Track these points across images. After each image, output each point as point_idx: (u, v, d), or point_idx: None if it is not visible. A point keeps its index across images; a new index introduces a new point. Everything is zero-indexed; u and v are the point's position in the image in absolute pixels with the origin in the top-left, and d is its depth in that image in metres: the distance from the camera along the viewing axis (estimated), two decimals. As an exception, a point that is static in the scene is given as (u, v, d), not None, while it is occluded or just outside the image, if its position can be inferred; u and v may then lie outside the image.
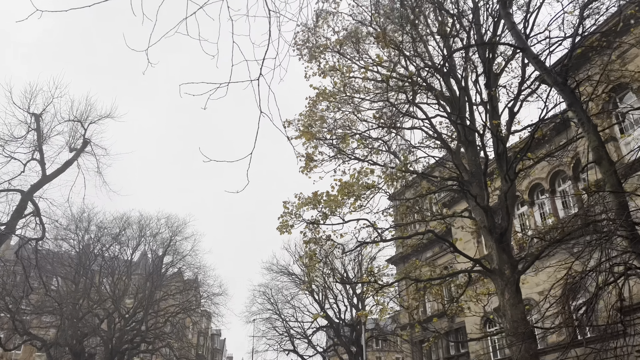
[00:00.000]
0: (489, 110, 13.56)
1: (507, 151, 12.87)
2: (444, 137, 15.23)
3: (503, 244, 13.47)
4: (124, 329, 33.11)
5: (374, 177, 13.27)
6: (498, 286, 13.07)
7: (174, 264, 37.93)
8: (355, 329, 36.83)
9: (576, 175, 27.80)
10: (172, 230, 37.20)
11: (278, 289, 41.55)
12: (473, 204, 14.36)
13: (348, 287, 38.27)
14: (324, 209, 13.11)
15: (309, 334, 40.02)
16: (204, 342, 70.72)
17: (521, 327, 12.36)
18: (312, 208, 13.14)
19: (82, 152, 18.53)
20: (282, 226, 12.84)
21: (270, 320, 40.89)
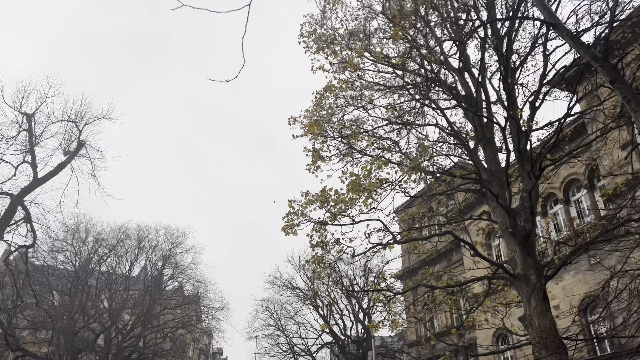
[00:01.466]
0: (509, 103, 12.58)
1: (530, 146, 11.86)
2: (460, 135, 14.24)
3: (527, 247, 12.39)
4: (121, 344, 31.80)
5: (388, 170, 12.25)
6: (523, 293, 11.95)
7: (174, 277, 36.76)
8: (361, 346, 35.42)
9: (592, 184, 26.81)
10: (171, 242, 36.19)
11: (281, 304, 40.30)
12: (493, 205, 13.32)
13: (354, 302, 36.96)
14: (332, 209, 12.09)
15: (313, 351, 38.59)
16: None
17: (550, 338, 11.22)
18: (319, 207, 12.13)
19: (76, 154, 17.63)
20: (287, 226, 11.81)
21: (273, 336, 39.54)
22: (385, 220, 14.93)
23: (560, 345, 11.14)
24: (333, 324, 37.55)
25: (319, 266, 12.82)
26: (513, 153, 14.37)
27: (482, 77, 14.64)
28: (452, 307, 14.56)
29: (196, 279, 36.42)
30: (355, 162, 13.31)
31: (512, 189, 14.32)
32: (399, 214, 14.37)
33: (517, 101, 14.14)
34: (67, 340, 27.56)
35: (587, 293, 24.85)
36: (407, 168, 9.47)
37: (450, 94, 14.80)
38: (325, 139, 13.19)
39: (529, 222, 12.47)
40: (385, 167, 10.54)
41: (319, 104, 13.40)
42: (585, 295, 24.83)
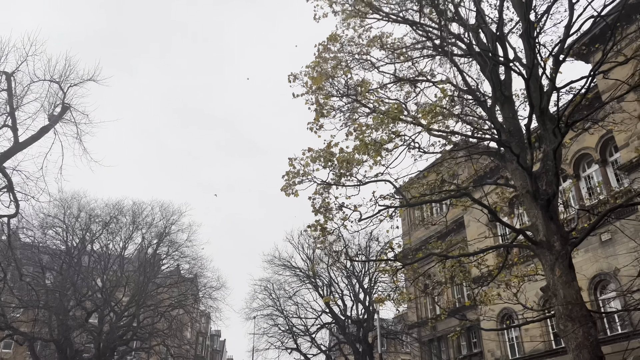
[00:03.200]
0: (531, 54, 11.34)
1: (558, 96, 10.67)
2: (477, 94, 13.04)
3: (550, 212, 11.29)
4: (115, 324, 30.86)
5: (401, 125, 11.05)
6: (546, 261, 10.88)
7: (169, 255, 35.67)
8: (362, 326, 34.60)
9: (604, 159, 25.67)
10: (167, 220, 35.02)
11: (280, 284, 39.38)
12: (512, 167, 12.19)
13: (354, 281, 36.05)
14: (337, 169, 10.94)
15: (312, 332, 37.80)
16: (202, 342, 68.51)
17: (577, 310, 10.18)
18: (322, 166, 10.97)
19: (60, 118, 16.39)
20: (287, 186, 10.67)
21: (271, 317, 38.69)
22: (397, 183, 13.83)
23: (588, 317, 10.10)
24: (333, 304, 36.72)
25: (321, 233, 11.72)
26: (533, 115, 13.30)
27: (500, 29, 13.43)
28: (464, 279, 13.49)
29: (192, 256, 35.41)
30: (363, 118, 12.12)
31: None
32: (409, 184, 13.19)
33: (537, 58, 12.92)
34: (59, 319, 26.60)
35: (598, 271, 23.96)
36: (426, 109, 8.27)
37: (465, 47, 13.58)
38: (329, 92, 11.98)
39: (552, 185, 11.35)
40: (399, 117, 9.32)
41: (322, 57, 12.15)
42: (596, 274, 23.93)
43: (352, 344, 34.79)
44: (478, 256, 13.48)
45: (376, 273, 35.10)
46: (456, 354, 36.02)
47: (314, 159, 10.32)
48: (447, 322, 37.09)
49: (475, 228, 31.77)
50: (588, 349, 9.81)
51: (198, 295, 36.72)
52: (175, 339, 39.56)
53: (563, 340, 10.28)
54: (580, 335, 9.94)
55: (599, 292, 24.41)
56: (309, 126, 11.87)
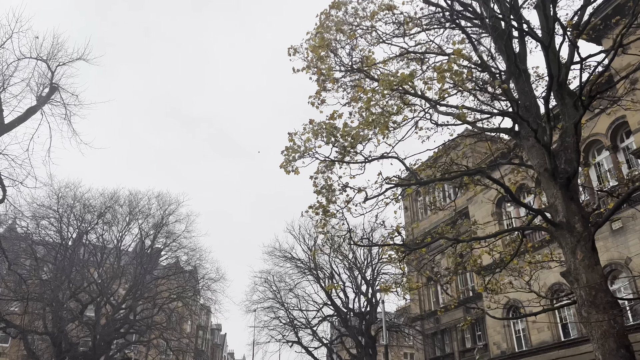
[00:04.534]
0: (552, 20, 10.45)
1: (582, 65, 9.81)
2: (490, 67, 12.17)
3: (570, 192, 10.46)
4: (111, 316, 30.12)
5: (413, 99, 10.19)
6: (567, 244, 10.06)
7: (167, 245, 34.83)
8: (364, 319, 33.87)
9: (615, 145, 24.83)
10: (164, 210, 34.15)
11: (280, 276, 38.59)
12: (529, 144, 11.35)
13: (356, 273, 35.29)
14: (341, 144, 10.11)
15: (313, 325, 37.07)
16: (203, 336, 67.93)
17: (601, 295, 9.38)
18: (325, 142, 10.14)
19: (48, 99, 15.56)
20: (287, 162, 9.84)
21: (272, 309, 37.93)
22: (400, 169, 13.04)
23: (614, 304, 9.30)
24: (335, 297, 35.99)
25: (323, 216, 10.90)
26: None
27: (514, 10, 12.55)
28: (474, 266, 12.68)
29: (190, 247, 34.54)
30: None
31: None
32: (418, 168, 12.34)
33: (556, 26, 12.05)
34: (53, 311, 25.90)
35: (609, 261, 23.17)
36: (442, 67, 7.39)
37: (477, 20, 12.72)
38: (331, 65, 11.12)
39: (573, 162, 10.53)
40: (410, 81, 8.45)
41: (324, 26, 11.28)
42: (607, 263, 23.14)
43: (354, 336, 34.09)
44: (489, 241, 12.67)
45: (379, 264, 34.38)
46: (460, 347, 35.35)
47: (316, 132, 9.48)
48: (450, 314, 36.37)
49: (480, 219, 30.97)
50: (614, 337, 9.02)
51: (197, 287, 35.93)
52: (175, 332, 38.86)
53: (586, 328, 9.49)
54: (605, 323, 9.15)
55: (609, 282, 23.62)
56: (310, 100, 11.04)
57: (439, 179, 10.91)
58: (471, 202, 34.27)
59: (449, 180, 11.44)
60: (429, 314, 37.89)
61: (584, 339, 24.24)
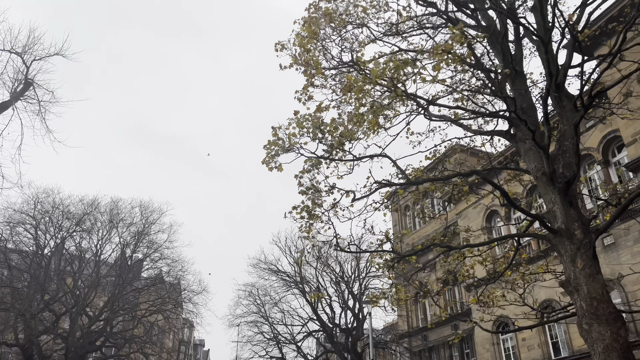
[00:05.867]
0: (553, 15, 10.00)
1: (583, 61, 9.33)
2: (486, 67, 11.69)
3: (569, 197, 9.91)
4: (87, 328, 28.80)
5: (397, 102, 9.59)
6: (566, 252, 9.47)
7: (147, 256, 33.65)
8: (351, 334, 32.91)
9: (606, 159, 24.57)
10: (146, 219, 33.04)
11: (265, 290, 37.54)
12: (526, 147, 10.82)
13: (343, 287, 34.42)
14: (328, 141, 9.49)
15: (298, 340, 35.96)
16: (185, 351, 66.16)
17: (603, 307, 8.76)
18: (311, 138, 9.50)
19: (22, 95, 14.79)
20: (269, 158, 9.17)
21: (256, 324, 36.80)
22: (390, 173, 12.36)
23: (617, 317, 8.68)
24: (321, 312, 35.05)
25: (308, 218, 10.21)
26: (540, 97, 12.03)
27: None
28: (466, 278, 12.03)
29: (173, 258, 33.40)
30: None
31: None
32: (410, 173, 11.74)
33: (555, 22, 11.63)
34: (25, 321, 24.65)
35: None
36: (438, 50, 6.81)
37: (473, 21, 12.29)
38: (322, 57, 10.54)
39: (572, 166, 10.00)
40: (405, 67, 7.85)
41: (312, 19, 10.71)
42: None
43: (340, 353, 33.09)
44: (482, 250, 12.06)
45: (367, 278, 33.61)
46: (448, 365, 34.48)
47: (301, 124, 8.84)
48: (439, 331, 35.60)
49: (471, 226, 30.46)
50: (618, 352, 8.37)
51: (179, 299, 34.72)
52: (155, 347, 37.51)
53: (587, 342, 8.84)
54: (608, 336, 8.52)
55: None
56: (296, 96, 10.42)
57: (432, 178, 10.30)
58: (461, 216, 33.77)
59: (442, 181, 10.85)
60: (416, 330, 37.08)
61: (574, 357, 23.63)
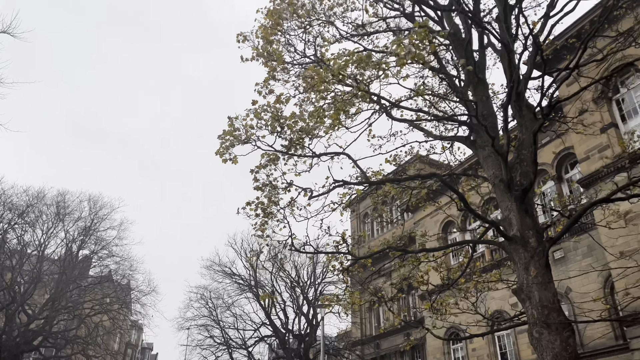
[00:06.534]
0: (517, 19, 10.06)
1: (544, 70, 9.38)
2: (449, 73, 11.67)
3: (525, 205, 9.95)
4: (24, 327, 27.11)
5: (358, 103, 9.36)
6: (520, 259, 9.47)
7: (95, 252, 32.10)
8: (304, 341, 32.48)
9: (560, 175, 25.29)
10: (95, 214, 31.55)
11: (218, 293, 36.61)
12: (485, 154, 10.83)
13: (298, 292, 34.01)
14: (287, 133, 9.15)
15: (249, 345, 35.19)
16: (132, 354, 63.91)
17: (554, 315, 8.77)
18: (269, 132, 9.13)
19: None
20: (224, 149, 8.73)
21: (207, 327, 35.77)
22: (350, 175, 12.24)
23: (567, 325, 8.71)
24: (275, 317, 34.44)
25: (263, 216, 9.82)
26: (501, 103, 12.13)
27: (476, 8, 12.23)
28: (421, 284, 11.88)
29: (122, 256, 31.98)
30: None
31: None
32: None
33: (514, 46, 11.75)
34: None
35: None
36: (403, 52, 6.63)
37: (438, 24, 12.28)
38: (285, 51, 10.22)
39: (529, 175, 10.05)
40: (368, 63, 7.60)
41: (277, 11, 10.39)
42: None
43: (291, 359, 32.58)
44: (437, 255, 11.99)
45: (323, 284, 33.33)
46: (399, 374, 34.55)
47: (259, 115, 8.46)
48: (391, 340, 35.72)
49: (426, 245, 30.74)
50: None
51: (127, 299, 33.27)
52: (99, 348, 35.85)
53: (536, 350, 8.82)
54: (558, 345, 8.52)
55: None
56: (257, 88, 10.04)
57: (392, 179, 10.13)
58: (418, 225, 34.08)
59: (402, 182, 10.70)
60: (369, 338, 37.10)
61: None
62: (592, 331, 19.69)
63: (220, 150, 8.67)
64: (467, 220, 30.00)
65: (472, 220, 28.93)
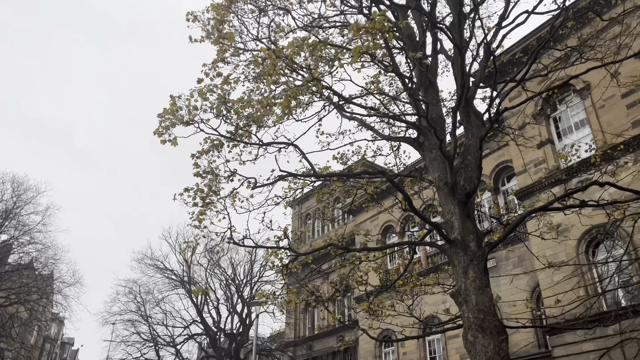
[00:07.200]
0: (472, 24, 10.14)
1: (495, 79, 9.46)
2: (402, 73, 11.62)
3: (468, 209, 10.02)
4: None
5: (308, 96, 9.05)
6: (459, 262, 9.49)
7: (15, 238, 29.79)
8: (235, 340, 31.72)
9: (497, 187, 26.22)
10: (18, 197, 29.30)
11: (148, 288, 35.09)
12: (432, 156, 10.84)
13: (233, 290, 33.24)
14: (234, 118, 8.71)
15: (178, 342, 33.95)
16: (50, 349, 60.20)
17: (489, 319, 8.83)
18: (215, 115, 8.64)
19: None
20: (163, 129, 8.13)
21: (133, 323, 34.15)
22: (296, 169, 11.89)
23: (502, 330, 8.79)
24: (207, 316, 33.45)
25: (202, 205, 9.28)
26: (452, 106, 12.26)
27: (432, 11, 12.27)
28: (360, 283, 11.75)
29: (45, 243, 29.82)
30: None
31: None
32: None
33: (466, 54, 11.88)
34: None
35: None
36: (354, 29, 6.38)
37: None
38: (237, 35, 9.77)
39: (473, 180, 10.14)
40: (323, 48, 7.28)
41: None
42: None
43: (221, 358, 31.73)
44: (377, 256, 11.90)
45: (259, 283, 32.74)
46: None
47: (204, 94, 7.94)
48: (324, 342, 35.72)
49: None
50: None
51: (47, 290, 31.12)
52: (13, 341, 33.37)
53: (470, 354, 8.85)
54: (491, 349, 8.57)
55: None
56: (204, 70, 9.49)
57: (339, 173, 9.89)
58: (359, 228, 34.31)
59: (348, 180, 10.50)
60: (303, 340, 36.92)
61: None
62: (517, 339, 20.45)
63: (159, 129, 8.06)
64: (407, 225, 30.56)
65: (412, 226, 29.45)
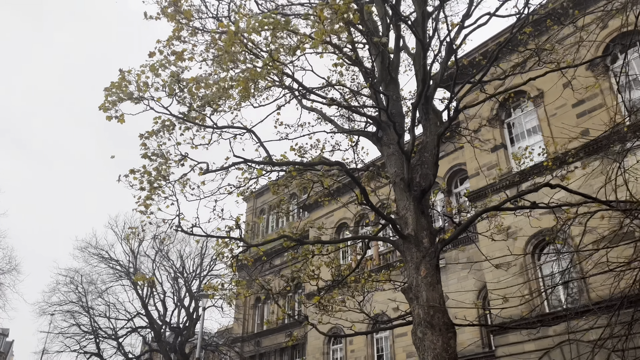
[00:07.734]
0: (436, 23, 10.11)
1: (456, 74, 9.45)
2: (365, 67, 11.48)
3: (422, 206, 9.99)
4: None
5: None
6: (412, 258, 9.43)
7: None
8: (181, 334, 30.87)
9: (449, 189, 26.70)
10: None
11: (91, 278, 33.62)
12: (389, 152, 10.75)
13: (181, 284, 32.35)
14: (187, 99, 8.30)
15: (120, 335, 32.69)
16: (-19, 341, 56.89)
17: (439, 316, 8.80)
18: (167, 94, 8.18)
19: None
20: (110, 104, 7.59)
21: (73, 314, 32.63)
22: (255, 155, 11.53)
23: (450, 327, 8.78)
24: (152, 309, 32.41)
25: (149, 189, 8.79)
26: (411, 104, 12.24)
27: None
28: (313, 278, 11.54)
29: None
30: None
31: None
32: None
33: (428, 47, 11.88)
34: None
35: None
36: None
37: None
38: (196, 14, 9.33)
39: (429, 177, 10.11)
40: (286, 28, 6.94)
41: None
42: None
43: (165, 353, 30.82)
44: (330, 249, 11.73)
45: (209, 277, 32.00)
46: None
47: (155, 70, 7.47)
48: (272, 338, 35.44)
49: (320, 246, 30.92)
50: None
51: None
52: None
53: (418, 350, 8.80)
54: (439, 345, 8.53)
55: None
56: (158, 47, 8.98)
57: (296, 162, 9.63)
58: (314, 225, 34.20)
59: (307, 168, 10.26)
60: (251, 336, 36.49)
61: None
62: (462, 338, 20.85)
63: (104, 104, 7.50)
64: (362, 222, 30.70)
65: (366, 222, 29.60)
